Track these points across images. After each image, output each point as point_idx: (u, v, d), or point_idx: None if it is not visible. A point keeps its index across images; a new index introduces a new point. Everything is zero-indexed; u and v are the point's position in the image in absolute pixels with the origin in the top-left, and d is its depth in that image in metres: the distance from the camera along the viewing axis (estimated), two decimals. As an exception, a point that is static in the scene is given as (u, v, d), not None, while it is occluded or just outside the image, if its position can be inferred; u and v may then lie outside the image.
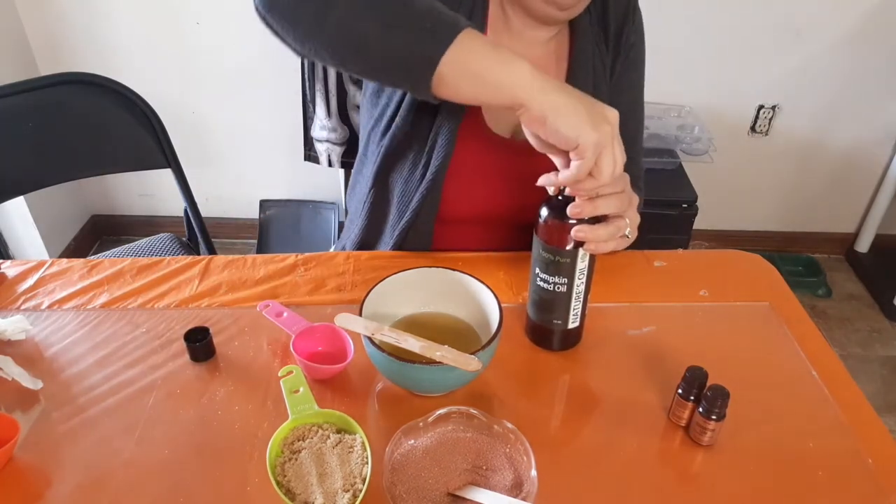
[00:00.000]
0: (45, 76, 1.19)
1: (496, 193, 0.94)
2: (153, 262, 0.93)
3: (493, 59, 0.64)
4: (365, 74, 0.72)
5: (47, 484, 0.64)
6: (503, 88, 0.64)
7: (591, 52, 0.91)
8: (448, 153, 0.88)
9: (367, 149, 0.98)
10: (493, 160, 0.92)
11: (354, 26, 0.65)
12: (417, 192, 0.91)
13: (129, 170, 1.31)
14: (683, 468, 0.67)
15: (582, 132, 0.63)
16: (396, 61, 0.66)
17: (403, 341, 0.68)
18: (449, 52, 0.63)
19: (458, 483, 0.61)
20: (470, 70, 0.64)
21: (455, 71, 0.64)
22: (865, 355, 2.04)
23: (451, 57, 0.63)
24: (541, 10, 0.82)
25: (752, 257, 0.98)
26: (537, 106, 0.64)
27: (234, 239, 2.42)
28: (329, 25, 0.66)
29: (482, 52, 0.64)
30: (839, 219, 2.38)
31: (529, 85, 0.64)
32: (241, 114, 2.15)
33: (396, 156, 0.93)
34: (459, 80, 0.65)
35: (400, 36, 0.64)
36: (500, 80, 0.64)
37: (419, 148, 0.90)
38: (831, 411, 0.73)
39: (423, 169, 0.90)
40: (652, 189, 0.96)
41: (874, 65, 2.04)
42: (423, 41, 0.63)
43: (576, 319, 0.76)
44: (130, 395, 0.73)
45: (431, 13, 0.64)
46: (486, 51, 0.64)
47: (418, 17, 0.63)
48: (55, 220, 2.18)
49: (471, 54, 0.63)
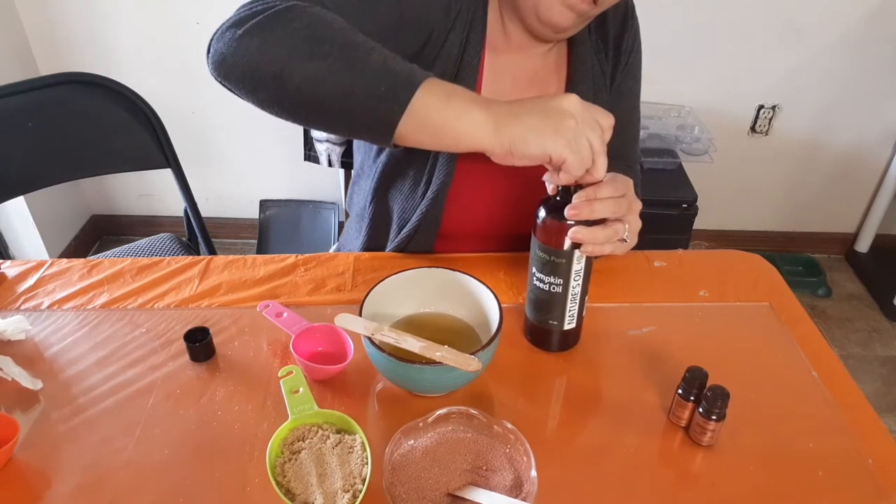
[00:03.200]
0: (45, 76, 1.19)
1: (496, 208, 0.94)
2: (153, 263, 0.93)
3: (449, 114, 0.64)
4: (330, 132, 0.72)
5: (47, 484, 0.64)
6: (462, 139, 0.65)
7: (590, 62, 0.91)
8: (450, 172, 0.88)
9: (364, 164, 0.98)
10: (492, 175, 0.91)
11: (313, 93, 0.65)
12: (418, 210, 0.91)
13: (129, 170, 1.31)
14: (683, 468, 0.67)
15: (548, 145, 0.63)
16: (357, 124, 0.67)
17: (403, 341, 0.68)
18: (407, 114, 0.63)
19: (458, 483, 0.61)
20: (427, 128, 0.65)
21: (414, 129, 0.65)
22: (865, 355, 2.04)
23: (408, 119, 0.64)
24: (538, 31, 0.83)
25: (752, 257, 0.98)
26: (498, 146, 0.64)
27: (234, 239, 2.42)
28: (287, 93, 0.66)
29: (436, 108, 0.64)
30: (839, 219, 2.38)
31: (483, 130, 0.64)
32: (241, 114, 2.15)
33: (395, 174, 0.92)
34: (419, 137, 0.66)
35: (359, 102, 0.64)
36: (456, 132, 0.65)
37: (420, 166, 0.90)
38: (831, 411, 0.73)
39: (425, 187, 0.90)
40: (652, 189, 0.96)
41: (874, 65, 2.04)
42: (380, 106, 0.64)
43: (572, 321, 0.76)
44: (130, 395, 0.73)
45: (387, 76, 0.64)
46: (440, 106, 0.64)
47: (374, 82, 0.64)
48: (55, 220, 2.18)
49: (427, 112, 0.64)
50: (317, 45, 0.65)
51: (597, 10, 0.79)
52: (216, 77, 0.70)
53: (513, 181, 0.91)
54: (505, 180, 0.92)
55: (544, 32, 0.83)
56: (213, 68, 0.70)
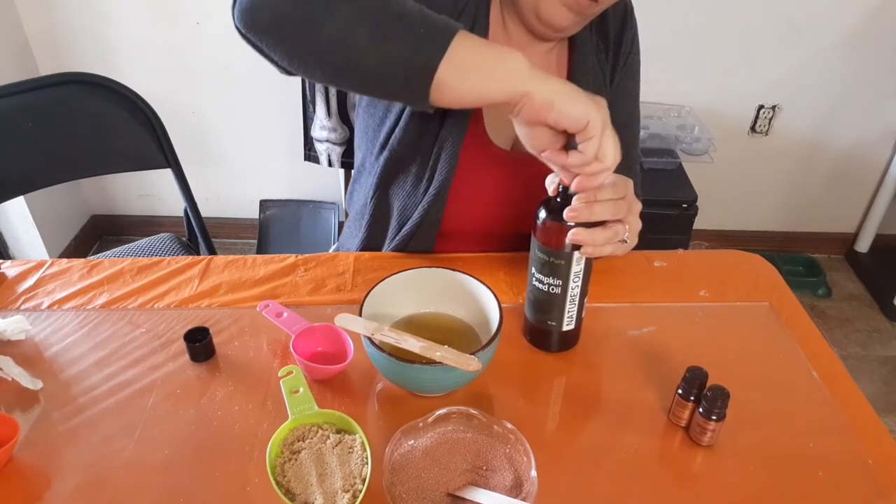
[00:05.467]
0: (45, 76, 1.18)
1: (497, 206, 0.94)
2: (153, 262, 0.93)
3: (491, 55, 0.64)
4: (358, 88, 0.71)
5: (47, 484, 0.64)
6: (506, 81, 0.64)
7: (590, 62, 0.91)
8: (452, 168, 0.88)
9: (365, 160, 0.98)
10: (494, 173, 0.91)
11: (346, 39, 0.63)
12: (419, 207, 0.91)
13: (129, 170, 1.31)
14: (683, 468, 0.67)
15: (589, 110, 0.63)
16: (393, 71, 0.65)
17: (403, 341, 0.68)
18: (447, 56, 0.62)
19: (458, 483, 0.61)
20: (470, 69, 0.64)
21: (455, 72, 0.63)
22: (865, 355, 2.04)
23: (450, 60, 0.62)
24: (538, 30, 0.83)
25: (752, 257, 0.98)
26: (543, 92, 0.64)
27: (234, 239, 2.42)
28: (319, 40, 0.64)
29: (479, 49, 0.64)
30: (839, 219, 2.38)
31: (529, 74, 0.64)
32: (242, 114, 2.15)
33: (397, 170, 0.92)
34: (461, 81, 0.64)
35: (395, 45, 0.62)
36: (501, 73, 0.64)
37: (421, 163, 0.89)
38: (831, 411, 0.73)
39: (427, 184, 0.90)
40: (652, 189, 0.96)
41: (874, 65, 2.04)
42: (419, 48, 0.62)
43: (570, 322, 0.76)
44: (130, 395, 0.73)
45: (425, 20, 0.64)
46: (482, 48, 0.64)
47: (412, 25, 0.63)
48: (55, 220, 2.18)
49: (469, 53, 0.63)
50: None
51: (597, 8, 0.79)
52: (241, 27, 0.68)
53: (514, 180, 0.91)
54: (506, 179, 0.92)
55: (544, 32, 0.83)
56: (238, 17, 0.67)
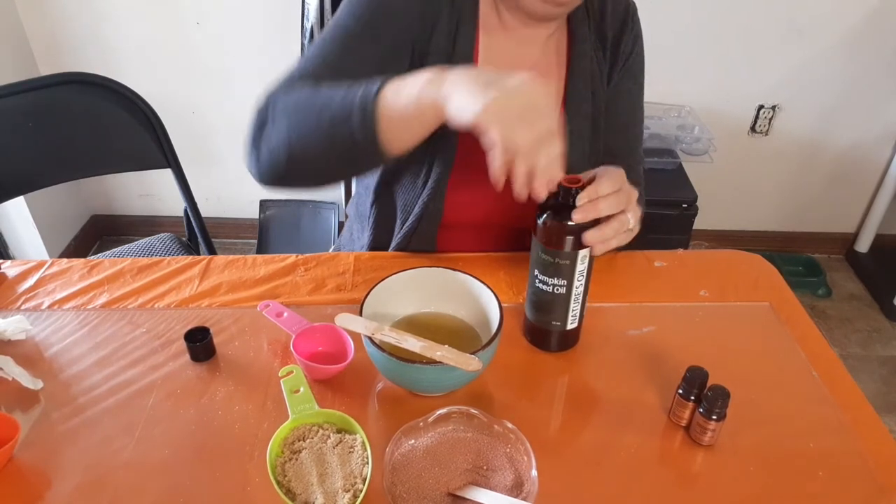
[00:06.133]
0: (45, 76, 1.19)
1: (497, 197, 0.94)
2: (153, 262, 0.93)
3: (408, 87, 0.66)
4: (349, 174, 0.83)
5: (47, 484, 0.64)
6: (429, 82, 0.65)
7: (589, 58, 0.91)
8: (449, 161, 0.88)
9: None
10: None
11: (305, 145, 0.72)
12: (420, 201, 0.91)
13: (129, 170, 1.31)
14: (684, 468, 0.67)
15: (477, 104, 0.60)
16: (349, 148, 0.70)
17: (404, 341, 0.68)
18: (379, 106, 0.67)
19: (459, 483, 0.61)
20: (401, 87, 0.66)
21: (392, 93, 0.67)
22: (865, 355, 2.03)
23: (385, 90, 0.67)
24: (539, 9, 0.83)
25: (752, 257, 0.98)
26: (447, 83, 0.63)
27: (234, 239, 2.42)
28: (298, 162, 0.74)
29: (398, 91, 0.66)
30: (839, 219, 2.38)
31: (447, 73, 0.64)
32: (242, 114, 2.12)
33: (397, 169, 0.93)
34: (399, 121, 0.67)
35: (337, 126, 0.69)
36: (424, 79, 0.65)
37: (420, 158, 0.90)
38: (831, 411, 0.73)
39: (425, 178, 0.91)
40: (652, 189, 0.96)
41: (874, 65, 2.04)
42: (352, 117, 0.68)
43: (574, 321, 0.76)
44: (130, 395, 0.73)
45: (349, 91, 0.69)
46: (398, 87, 0.67)
47: (342, 102, 0.69)
48: (55, 220, 2.18)
49: (394, 89, 0.67)
50: (292, 116, 0.73)
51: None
52: (263, 183, 0.79)
53: None
54: None
55: (546, 9, 0.82)
56: (260, 183, 0.79)
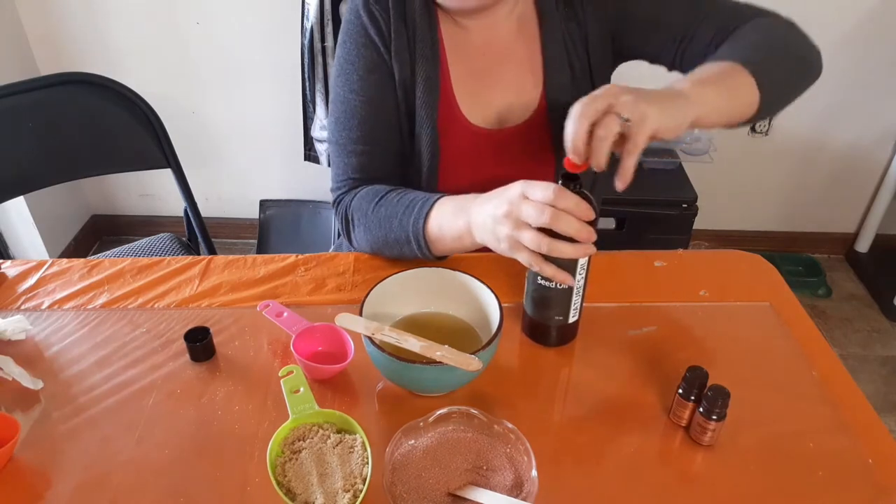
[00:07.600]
0: (45, 76, 1.19)
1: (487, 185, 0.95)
2: (153, 262, 0.94)
3: (444, 219, 0.81)
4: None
5: (47, 484, 0.64)
6: (455, 230, 0.80)
7: (560, 30, 0.91)
8: (434, 151, 0.90)
9: None
10: (481, 152, 0.94)
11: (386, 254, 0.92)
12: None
13: (129, 170, 1.32)
14: (684, 468, 0.67)
15: (487, 242, 0.76)
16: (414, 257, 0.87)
17: (404, 341, 0.68)
18: (431, 246, 0.83)
19: (459, 483, 0.61)
20: (443, 245, 0.83)
21: (438, 248, 0.84)
22: (865, 355, 2.03)
23: (432, 244, 0.83)
24: (452, 4, 0.86)
25: (752, 257, 0.98)
26: (470, 224, 0.78)
27: (234, 239, 2.42)
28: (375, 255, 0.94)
29: (440, 226, 0.82)
30: (839, 219, 2.38)
31: (462, 211, 0.79)
32: (241, 114, 2.14)
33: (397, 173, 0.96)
34: (447, 250, 0.85)
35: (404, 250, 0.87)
36: (450, 226, 0.81)
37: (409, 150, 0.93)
38: (831, 411, 0.73)
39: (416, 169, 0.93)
40: (652, 189, 0.96)
41: (874, 65, 2.04)
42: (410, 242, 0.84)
43: (576, 314, 0.77)
44: (130, 395, 0.73)
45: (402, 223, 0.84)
46: (440, 222, 0.82)
47: (399, 232, 0.85)
48: (55, 220, 2.18)
49: (438, 234, 0.82)
50: (368, 234, 0.89)
51: None
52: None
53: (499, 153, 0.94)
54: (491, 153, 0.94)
55: (459, 4, 0.85)
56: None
